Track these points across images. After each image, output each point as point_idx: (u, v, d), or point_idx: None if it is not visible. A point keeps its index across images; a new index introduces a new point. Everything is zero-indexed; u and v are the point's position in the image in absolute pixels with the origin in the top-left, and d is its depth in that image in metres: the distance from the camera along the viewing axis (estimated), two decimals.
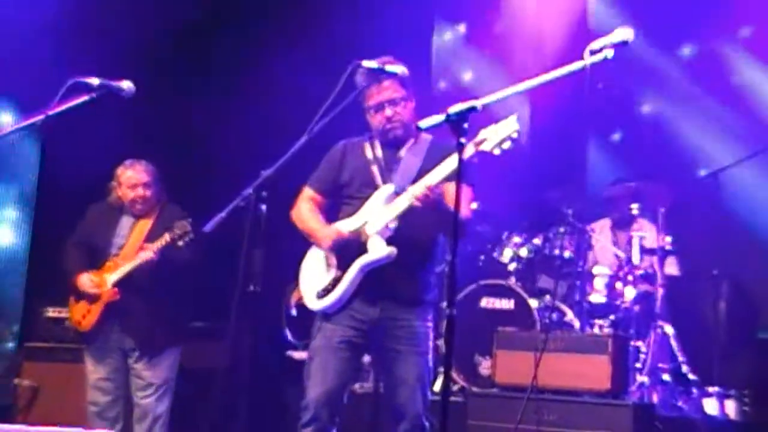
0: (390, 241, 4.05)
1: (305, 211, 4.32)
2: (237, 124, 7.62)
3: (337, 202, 4.32)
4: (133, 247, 5.53)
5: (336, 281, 4.11)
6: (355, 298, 4.11)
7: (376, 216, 4.09)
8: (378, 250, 4.05)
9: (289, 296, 6.90)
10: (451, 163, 3.84)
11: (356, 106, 4.15)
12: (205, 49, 7.79)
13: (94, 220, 5.73)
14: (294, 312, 6.87)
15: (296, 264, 4.35)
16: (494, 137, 3.76)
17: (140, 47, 7.18)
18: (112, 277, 5.47)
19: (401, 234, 4.06)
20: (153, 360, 5.53)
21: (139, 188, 5.60)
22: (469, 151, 3.80)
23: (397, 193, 4.09)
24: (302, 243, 4.33)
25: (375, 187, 4.18)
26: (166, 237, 5.35)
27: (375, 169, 4.22)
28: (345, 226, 4.17)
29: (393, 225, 4.05)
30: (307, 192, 4.37)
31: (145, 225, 5.60)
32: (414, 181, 4.06)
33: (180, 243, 5.35)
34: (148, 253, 5.36)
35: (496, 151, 3.78)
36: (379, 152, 4.26)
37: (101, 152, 6.06)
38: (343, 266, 4.11)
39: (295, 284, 4.36)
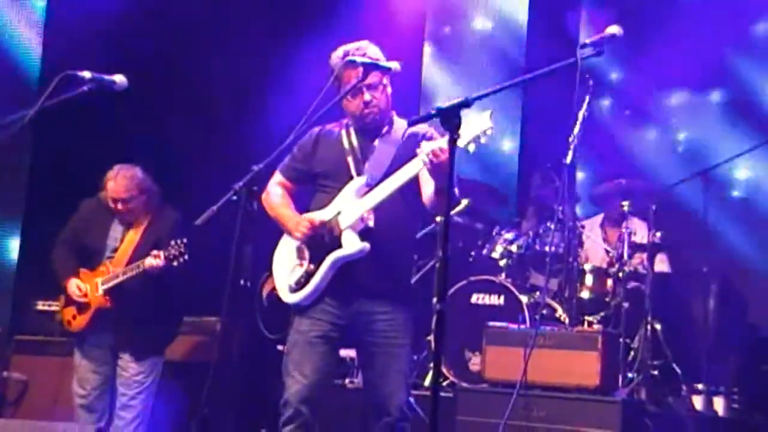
0: (363, 235, 4.02)
1: (275, 197, 4.27)
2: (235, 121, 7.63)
3: (310, 189, 4.27)
4: (125, 254, 5.51)
5: (309, 275, 4.06)
6: (330, 291, 4.07)
7: (349, 209, 4.04)
8: (351, 245, 4.00)
9: (262, 287, 6.83)
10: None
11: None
12: (204, 46, 7.78)
13: (87, 218, 5.69)
14: (265, 303, 6.82)
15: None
16: (467, 134, 3.62)
17: (136, 43, 7.18)
18: (104, 284, 5.46)
19: (375, 228, 4.03)
20: (141, 357, 5.53)
21: (119, 204, 5.52)
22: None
23: (368, 186, 4.05)
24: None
25: (349, 177, 4.11)
26: (162, 254, 5.26)
27: (350, 159, 4.15)
28: (317, 215, 4.11)
29: (368, 217, 4.01)
30: (278, 177, 4.32)
31: (135, 236, 5.56)
32: (387, 172, 4.02)
33: (174, 263, 5.29)
34: (157, 261, 5.28)
35: (471, 148, 3.65)
36: (355, 141, 4.19)
37: (92, 144, 6.05)
38: (315, 259, 4.06)
39: (269, 275, 4.32)
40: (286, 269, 4.17)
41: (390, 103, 4.20)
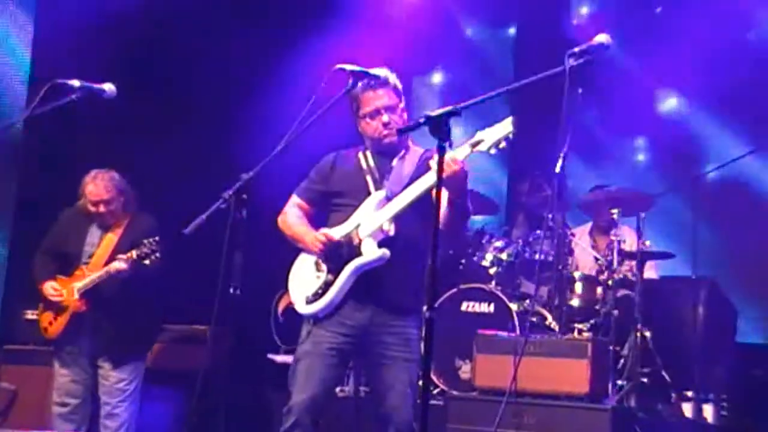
0: (382, 245, 4.04)
1: (292, 217, 4.29)
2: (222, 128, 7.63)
3: (326, 210, 4.29)
4: (101, 258, 5.52)
5: (327, 285, 4.08)
6: (346, 302, 4.08)
7: (369, 220, 4.07)
8: (371, 252, 4.02)
9: (278, 303, 6.88)
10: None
11: (339, 111, 4.15)
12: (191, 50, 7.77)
13: (66, 226, 5.74)
14: (281, 319, 6.86)
15: (277, 266, 4.34)
16: (490, 138, 3.79)
17: (119, 49, 7.17)
18: (80, 288, 5.46)
19: (394, 238, 4.05)
20: (120, 364, 5.52)
21: (100, 205, 5.56)
22: (465, 151, 3.82)
23: (388, 198, 4.07)
24: (283, 246, 4.31)
25: (367, 194, 4.15)
26: (133, 253, 5.31)
27: (368, 178, 4.18)
28: (335, 230, 4.14)
29: (388, 228, 4.03)
30: (295, 199, 4.35)
31: (113, 238, 5.58)
32: (406, 188, 4.05)
33: (146, 261, 5.32)
34: (121, 264, 5.33)
35: (492, 151, 3.81)
36: (372, 162, 4.22)
37: (82, 154, 6.04)
38: (334, 270, 4.08)
39: (284, 290, 4.33)
40: (304, 282, 4.19)
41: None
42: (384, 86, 4.14)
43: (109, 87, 4.17)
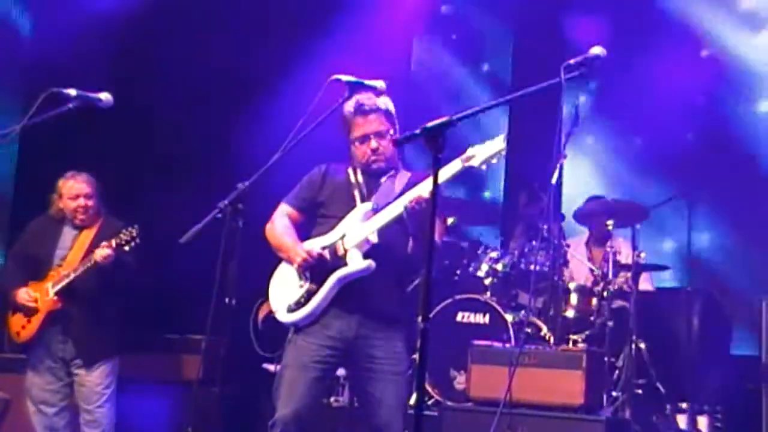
0: (367, 256, 4.05)
1: (279, 226, 4.29)
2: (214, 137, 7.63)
3: (312, 220, 4.30)
4: (76, 257, 5.52)
5: (310, 294, 4.08)
6: (329, 311, 4.08)
7: (354, 231, 4.08)
8: (356, 263, 4.03)
9: (258, 310, 6.85)
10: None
11: (333, 122, 4.16)
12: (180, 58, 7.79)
13: (35, 233, 5.75)
14: (260, 326, 6.84)
15: (271, 277, 4.33)
16: (481, 155, 3.80)
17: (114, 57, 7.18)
18: (54, 287, 5.45)
19: (379, 249, 4.05)
20: (95, 367, 5.50)
21: (80, 198, 5.60)
22: (456, 167, 3.83)
23: (375, 211, 4.09)
24: (278, 256, 4.31)
25: (353, 208, 4.16)
26: (113, 242, 5.32)
27: (356, 192, 4.21)
28: (318, 243, 4.15)
29: (373, 239, 4.04)
30: (284, 208, 4.35)
31: (87, 236, 5.59)
32: (393, 201, 4.06)
33: (126, 248, 5.33)
34: (105, 250, 5.31)
35: (483, 168, 3.82)
36: (360, 178, 4.25)
37: (76, 166, 6.04)
38: (317, 280, 4.08)
39: (265, 298, 4.32)
40: (286, 290, 4.19)
41: (396, 151, 4.24)
42: (376, 111, 4.15)
43: (105, 96, 4.17)
